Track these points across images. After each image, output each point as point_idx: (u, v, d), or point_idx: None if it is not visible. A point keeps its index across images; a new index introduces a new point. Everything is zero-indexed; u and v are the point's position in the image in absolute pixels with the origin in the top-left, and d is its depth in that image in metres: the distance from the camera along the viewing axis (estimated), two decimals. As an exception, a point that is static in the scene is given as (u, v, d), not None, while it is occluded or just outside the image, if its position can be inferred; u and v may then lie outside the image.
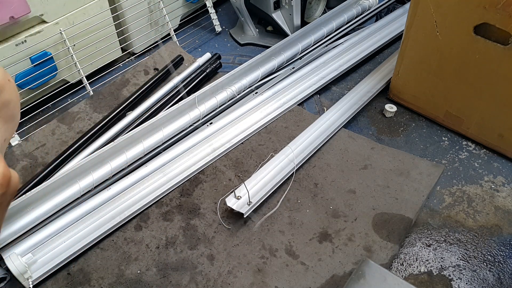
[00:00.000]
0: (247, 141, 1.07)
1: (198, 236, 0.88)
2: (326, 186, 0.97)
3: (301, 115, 1.13)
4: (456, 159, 1.05)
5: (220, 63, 1.28)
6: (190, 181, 0.98)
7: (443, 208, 0.95)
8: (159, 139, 1.02)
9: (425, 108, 1.13)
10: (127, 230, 0.90)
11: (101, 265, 0.84)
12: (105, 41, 1.22)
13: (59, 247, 0.84)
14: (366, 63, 1.34)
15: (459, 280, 0.83)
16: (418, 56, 1.06)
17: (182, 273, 0.83)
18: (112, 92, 1.19)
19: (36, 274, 0.80)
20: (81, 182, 0.92)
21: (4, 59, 1.02)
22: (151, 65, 1.27)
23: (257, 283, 0.81)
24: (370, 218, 0.91)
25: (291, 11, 1.33)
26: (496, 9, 0.86)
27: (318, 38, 1.33)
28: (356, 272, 0.72)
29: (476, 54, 0.94)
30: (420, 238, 0.89)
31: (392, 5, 1.49)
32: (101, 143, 1.02)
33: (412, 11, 1.00)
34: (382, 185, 0.97)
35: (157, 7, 1.33)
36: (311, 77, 1.22)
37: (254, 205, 0.89)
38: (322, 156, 1.03)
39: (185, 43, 1.41)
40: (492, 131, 1.03)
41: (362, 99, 1.15)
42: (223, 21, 1.53)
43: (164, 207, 0.94)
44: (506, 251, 0.87)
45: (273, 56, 1.23)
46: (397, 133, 1.12)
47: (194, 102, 1.08)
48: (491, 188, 0.98)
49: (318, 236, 0.88)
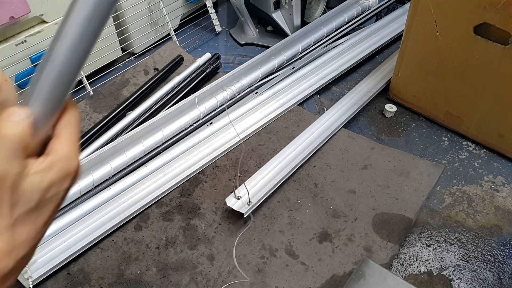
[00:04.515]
0: (247, 141, 1.07)
1: (198, 236, 0.88)
2: (326, 186, 0.97)
3: (301, 115, 1.13)
4: (456, 159, 1.05)
5: (220, 63, 1.28)
6: (190, 181, 0.98)
7: (443, 208, 0.95)
8: (159, 139, 1.02)
9: (425, 108, 1.13)
10: (127, 230, 0.90)
11: (101, 265, 0.84)
12: (105, 41, 1.22)
13: (59, 247, 0.84)
14: (366, 63, 1.34)
15: (459, 280, 0.83)
16: (418, 56, 1.06)
17: (182, 273, 0.83)
18: (112, 92, 1.19)
19: (36, 274, 0.80)
20: (81, 182, 0.92)
21: (4, 59, 1.02)
22: (151, 65, 1.27)
23: (257, 283, 0.81)
24: (370, 218, 0.91)
25: (291, 11, 1.33)
26: (496, 9, 0.86)
27: (318, 38, 1.33)
28: (356, 272, 0.72)
29: (476, 54, 0.94)
30: (420, 238, 0.89)
31: (392, 5, 1.49)
32: (101, 143, 1.02)
33: (412, 11, 1.00)
34: (382, 185, 0.97)
35: (157, 7, 1.33)
36: (311, 77, 1.22)
37: (254, 205, 0.89)
38: (322, 156, 1.03)
39: (185, 43, 1.41)
40: (492, 131, 1.03)
41: (362, 99, 1.15)
42: (223, 21, 1.52)
43: (164, 207, 0.94)
44: (506, 251, 0.87)
45: (273, 56, 1.23)
46: (397, 133, 1.12)
47: (194, 102, 1.08)
48: (491, 188, 0.98)
49: (318, 236, 0.88)
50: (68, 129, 0.34)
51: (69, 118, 0.35)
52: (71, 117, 0.35)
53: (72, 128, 0.35)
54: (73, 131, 0.35)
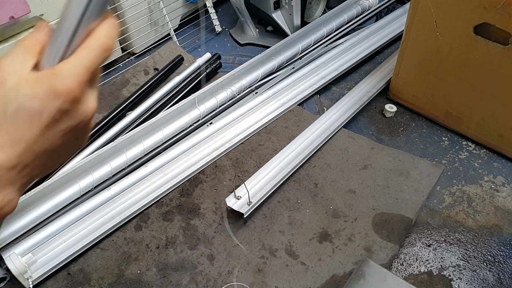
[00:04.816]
0: (247, 141, 1.07)
1: (198, 236, 0.88)
2: (326, 186, 0.97)
3: (301, 115, 1.13)
4: (456, 159, 1.05)
5: (220, 63, 1.28)
6: (190, 181, 0.98)
7: (443, 208, 0.95)
8: (159, 139, 1.02)
9: (425, 108, 1.13)
10: (127, 230, 0.90)
11: (101, 265, 0.84)
12: (105, 41, 1.22)
13: (59, 247, 0.84)
14: (366, 63, 1.34)
15: (459, 280, 0.83)
16: (418, 56, 1.06)
17: (182, 273, 0.83)
18: (112, 92, 1.19)
19: (36, 274, 0.80)
20: (81, 182, 0.92)
21: (4, 59, 1.02)
22: (151, 65, 1.27)
23: (257, 283, 0.81)
24: (370, 218, 0.91)
25: (291, 11, 1.33)
26: (496, 9, 0.86)
27: (318, 38, 1.33)
28: (356, 272, 0.72)
29: (476, 54, 0.94)
30: (420, 238, 0.89)
31: (392, 5, 1.49)
32: (101, 143, 1.02)
33: (412, 11, 1.00)
34: (382, 185, 0.97)
35: (157, 7, 1.33)
36: (311, 77, 1.22)
37: (254, 205, 0.89)
38: (322, 156, 1.03)
39: (185, 43, 1.41)
40: (492, 131, 1.03)
41: (362, 99, 1.15)
42: (223, 21, 1.52)
43: (164, 207, 0.94)
44: (506, 251, 0.87)
45: (273, 56, 1.23)
46: (397, 133, 1.12)
47: (194, 102, 1.08)
48: (491, 188, 0.98)
49: (318, 236, 0.88)
50: (83, 51, 0.34)
51: (93, 40, 0.34)
52: (96, 40, 0.34)
53: (90, 50, 0.34)
54: (89, 53, 0.34)
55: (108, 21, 0.35)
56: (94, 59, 0.34)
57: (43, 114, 0.31)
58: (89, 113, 0.35)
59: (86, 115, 0.35)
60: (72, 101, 0.32)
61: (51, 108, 0.32)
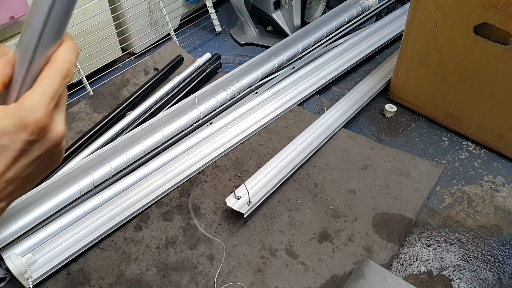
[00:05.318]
0: (247, 141, 1.07)
1: (198, 236, 0.88)
2: (326, 186, 0.97)
3: (301, 115, 1.13)
4: (456, 159, 1.05)
5: (220, 63, 1.28)
6: (190, 181, 0.98)
7: (443, 208, 0.95)
8: (159, 139, 1.02)
9: (425, 108, 1.13)
10: (127, 230, 0.90)
11: (101, 265, 0.84)
12: (105, 41, 1.22)
13: (59, 247, 0.84)
14: (366, 63, 1.34)
15: (459, 280, 0.83)
16: (418, 56, 1.06)
17: (182, 273, 0.83)
18: (112, 92, 1.19)
19: (36, 274, 0.80)
20: (81, 182, 0.92)
21: (4, 59, 1.02)
22: (151, 65, 1.27)
23: (257, 283, 0.81)
24: (370, 218, 0.91)
25: (291, 11, 1.33)
26: (496, 9, 0.86)
27: (318, 38, 1.33)
28: (356, 272, 0.72)
29: (476, 54, 0.94)
30: (420, 238, 0.89)
31: (392, 5, 1.49)
32: (101, 143, 1.02)
33: (412, 11, 1.00)
34: (382, 185, 0.97)
35: (157, 7, 1.33)
36: (311, 77, 1.22)
37: (254, 205, 0.89)
38: (322, 156, 1.03)
39: (185, 43, 1.41)
40: (492, 131, 1.03)
41: (362, 99, 1.16)
42: (223, 21, 1.52)
43: (164, 207, 0.94)
44: (506, 251, 0.87)
45: (273, 56, 1.23)
46: (397, 133, 1.12)
47: (194, 102, 1.08)
48: (491, 188, 0.98)
49: (318, 236, 0.88)
50: (45, 80, 0.33)
51: (53, 68, 0.34)
52: (55, 67, 0.34)
53: (51, 79, 0.34)
54: (51, 82, 0.33)
55: (66, 44, 0.35)
56: (57, 86, 0.34)
57: (12, 147, 0.32)
58: (58, 137, 0.35)
59: (56, 140, 0.35)
60: (39, 131, 0.33)
61: (20, 140, 0.32)
